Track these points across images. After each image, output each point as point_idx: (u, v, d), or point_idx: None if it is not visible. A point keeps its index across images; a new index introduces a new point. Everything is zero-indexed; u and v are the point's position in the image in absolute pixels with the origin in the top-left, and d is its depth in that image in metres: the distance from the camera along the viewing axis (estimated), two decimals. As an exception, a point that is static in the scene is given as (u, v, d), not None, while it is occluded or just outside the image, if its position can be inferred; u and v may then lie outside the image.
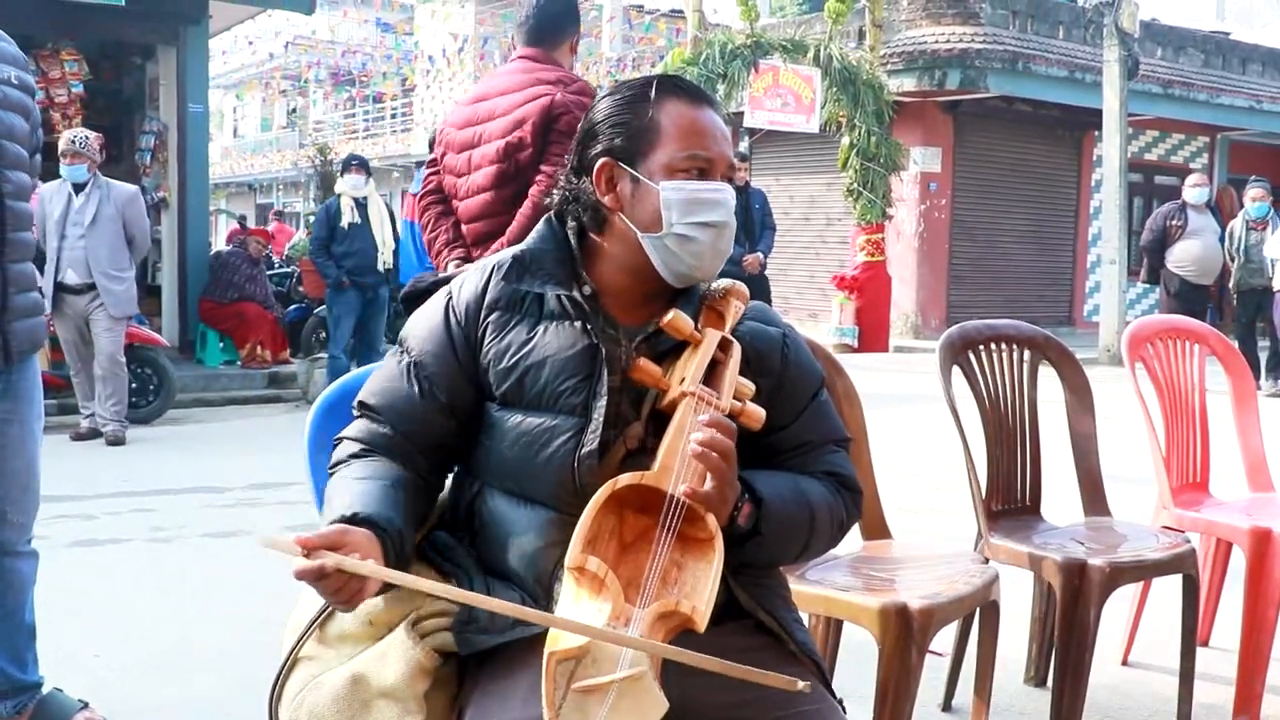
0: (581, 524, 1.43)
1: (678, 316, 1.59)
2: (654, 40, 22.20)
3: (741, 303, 1.71)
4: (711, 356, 1.60)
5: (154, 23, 10.24)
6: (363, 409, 1.70)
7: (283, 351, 10.25)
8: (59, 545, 4.49)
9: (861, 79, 12.87)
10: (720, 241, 1.63)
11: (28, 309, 2.69)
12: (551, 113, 3.40)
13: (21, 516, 2.74)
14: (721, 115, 1.70)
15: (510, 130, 3.44)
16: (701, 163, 1.63)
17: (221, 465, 6.42)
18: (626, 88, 1.70)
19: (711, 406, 1.54)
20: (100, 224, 6.92)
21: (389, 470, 1.62)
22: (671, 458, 1.49)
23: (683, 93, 1.67)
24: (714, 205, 1.62)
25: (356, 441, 1.68)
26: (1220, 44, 18.95)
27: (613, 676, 1.32)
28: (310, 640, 1.59)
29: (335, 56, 28.77)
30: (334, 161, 15.07)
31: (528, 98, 3.45)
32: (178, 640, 3.57)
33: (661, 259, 1.64)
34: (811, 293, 16.36)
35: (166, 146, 10.69)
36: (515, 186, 3.47)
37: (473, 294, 1.69)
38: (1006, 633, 2.80)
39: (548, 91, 3.43)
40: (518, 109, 3.45)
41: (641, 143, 1.64)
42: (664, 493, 1.47)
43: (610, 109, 1.67)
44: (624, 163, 1.65)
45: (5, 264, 2.60)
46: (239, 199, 34.68)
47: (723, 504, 1.50)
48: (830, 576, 2.49)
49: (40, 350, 2.84)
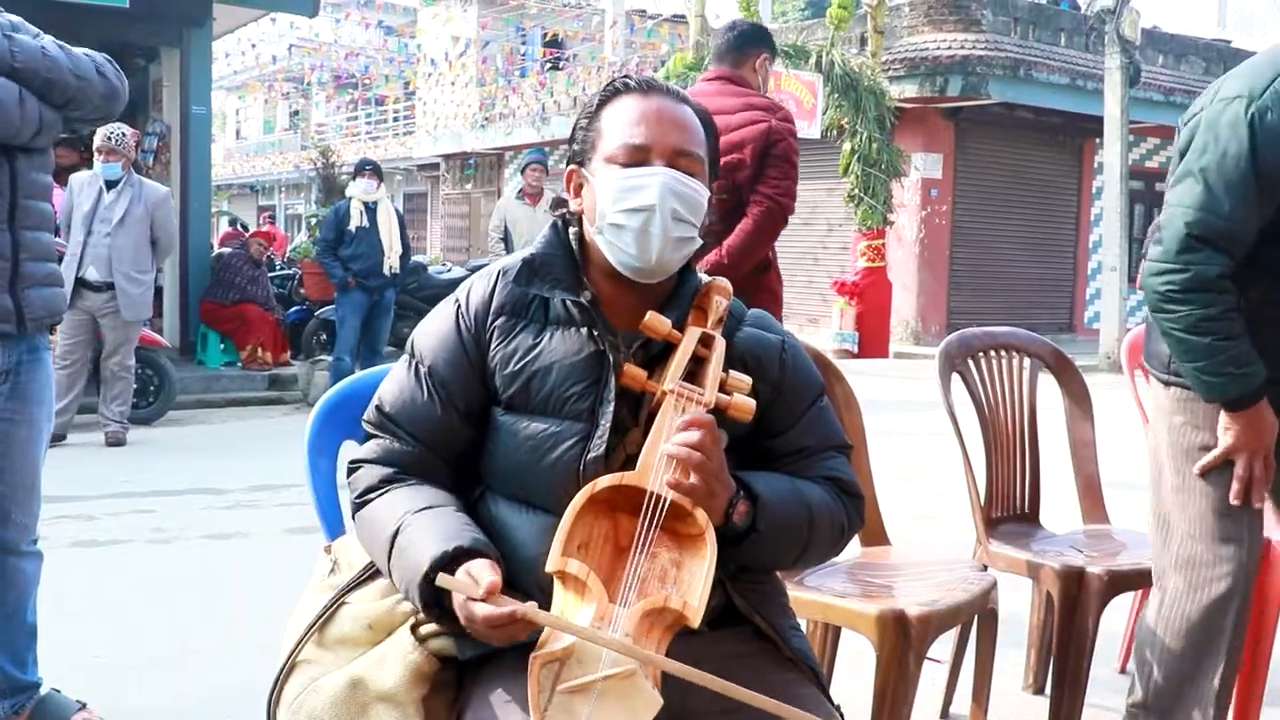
0: (561, 528, 1.44)
1: (653, 317, 1.60)
2: (657, 46, 22.22)
3: (724, 297, 1.70)
4: (694, 353, 1.61)
5: (157, 25, 10.26)
6: (382, 420, 1.69)
7: (284, 353, 10.25)
8: (59, 546, 4.49)
9: (863, 85, 12.89)
10: (652, 226, 1.60)
11: (43, 278, 2.67)
12: (769, 139, 3.74)
13: (25, 517, 2.74)
14: (685, 105, 1.69)
15: (729, 151, 3.66)
16: (633, 151, 1.63)
17: (222, 467, 6.42)
18: (592, 98, 1.72)
19: (693, 402, 1.55)
20: (129, 224, 6.89)
21: (440, 496, 1.62)
22: (652, 456, 1.50)
23: (630, 88, 1.69)
24: (639, 190, 1.61)
25: (381, 464, 1.67)
26: (1221, 51, 18.96)
27: (595, 676, 1.32)
28: (309, 643, 1.60)
29: (338, 59, 28.79)
30: (336, 164, 15.05)
31: (744, 121, 3.76)
32: (177, 641, 3.58)
33: (609, 252, 1.65)
34: (812, 298, 16.36)
35: (169, 148, 10.71)
36: (730, 203, 3.74)
37: (481, 299, 1.70)
38: (1005, 640, 2.80)
39: (764, 118, 3.76)
40: (734, 131, 3.72)
41: (591, 144, 1.68)
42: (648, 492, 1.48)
43: (577, 120, 1.71)
44: (581, 166, 1.69)
45: (17, 229, 2.59)
46: (241, 200, 34.70)
47: (711, 498, 1.50)
48: (828, 583, 2.50)
49: (53, 338, 2.83)
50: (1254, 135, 2.07)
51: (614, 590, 1.42)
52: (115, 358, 7.01)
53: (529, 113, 21.43)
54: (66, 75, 2.56)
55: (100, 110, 2.68)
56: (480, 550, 1.50)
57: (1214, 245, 2.10)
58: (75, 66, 2.58)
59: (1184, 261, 2.12)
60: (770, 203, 3.74)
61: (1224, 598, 2.24)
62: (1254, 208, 2.10)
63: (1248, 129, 2.08)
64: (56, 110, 2.59)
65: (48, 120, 2.57)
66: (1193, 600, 2.26)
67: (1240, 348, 2.13)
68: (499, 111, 22.79)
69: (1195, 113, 2.21)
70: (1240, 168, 2.08)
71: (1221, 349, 2.12)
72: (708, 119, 1.72)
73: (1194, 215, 2.11)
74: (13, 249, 2.59)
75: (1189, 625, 2.26)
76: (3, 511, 2.70)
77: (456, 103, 24.12)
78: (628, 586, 1.41)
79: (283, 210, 33.37)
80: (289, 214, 32.66)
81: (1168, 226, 2.16)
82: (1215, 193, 2.10)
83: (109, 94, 2.65)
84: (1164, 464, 2.34)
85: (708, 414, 1.54)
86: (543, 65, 24.29)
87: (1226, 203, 2.09)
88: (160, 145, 10.77)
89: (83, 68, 2.60)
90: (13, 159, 2.58)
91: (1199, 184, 2.12)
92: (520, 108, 22.02)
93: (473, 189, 24.58)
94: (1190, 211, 2.12)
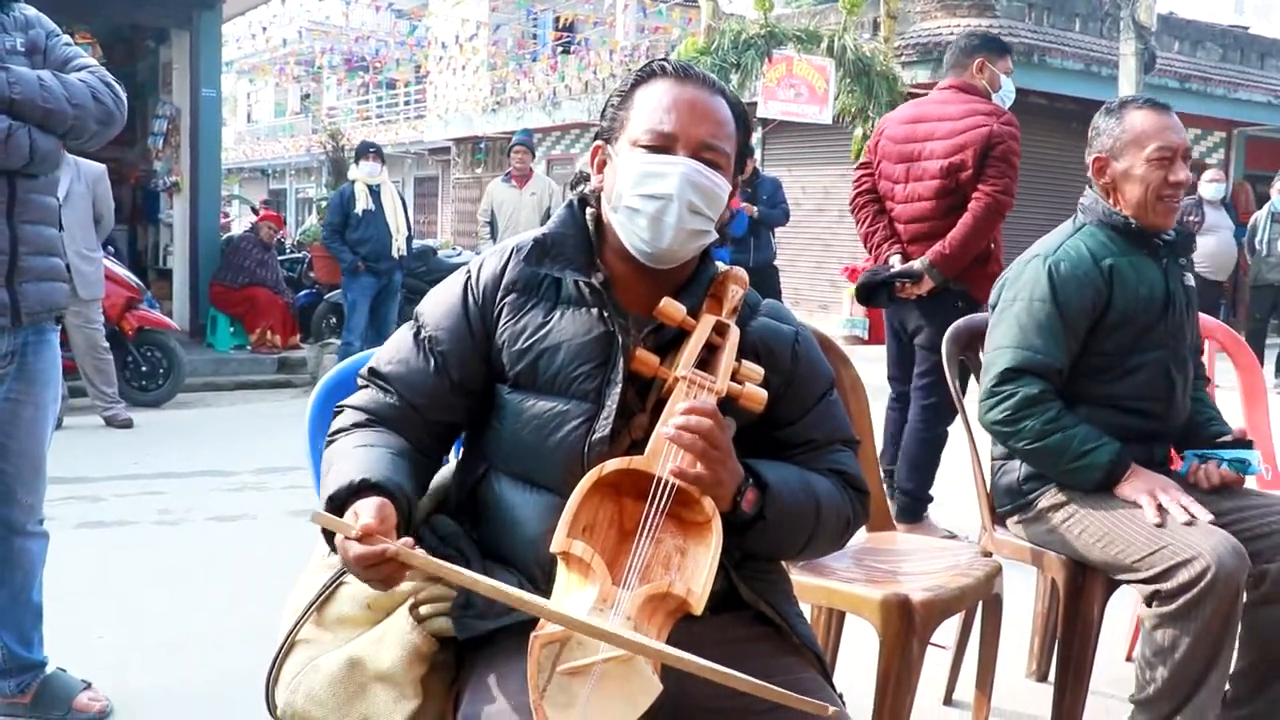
0: (567, 510, 1.44)
1: (668, 303, 1.60)
2: (668, 30, 22.12)
3: (739, 286, 1.70)
4: (707, 341, 1.60)
5: (167, 7, 10.25)
6: (372, 376, 1.71)
7: (293, 337, 10.26)
8: (66, 526, 4.51)
9: (875, 70, 12.81)
10: (666, 215, 1.60)
11: (42, 272, 2.67)
12: (990, 141, 4.19)
13: (31, 497, 2.75)
14: (719, 96, 1.68)
15: (953, 153, 4.23)
16: (659, 137, 1.62)
17: (229, 449, 6.43)
18: (629, 76, 1.71)
19: (705, 390, 1.54)
20: (72, 201, 6.48)
21: (392, 440, 1.63)
22: (660, 441, 1.50)
23: (668, 74, 1.67)
24: (659, 177, 1.60)
25: (360, 410, 1.68)
26: (1239, 38, 18.81)
27: (595, 658, 1.32)
28: (308, 623, 1.60)
29: (349, 43, 28.74)
30: (345, 147, 15.03)
31: (968, 126, 4.24)
32: (182, 623, 3.59)
33: (622, 234, 1.65)
34: (822, 284, 16.32)
35: (179, 131, 10.70)
36: (953, 199, 4.28)
37: (491, 274, 1.71)
38: (1009, 627, 2.79)
39: (985, 122, 4.21)
40: (959, 135, 4.23)
41: (620, 122, 1.67)
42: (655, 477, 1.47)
43: (610, 97, 1.71)
44: (608, 144, 1.69)
45: (16, 224, 2.60)
46: (252, 184, 34.72)
47: (717, 485, 1.50)
48: (833, 567, 2.49)
49: (59, 324, 2.84)
50: (1052, 281, 2.52)
51: (617, 574, 1.41)
52: (85, 351, 6.85)
53: (540, 96, 21.39)
54: (64, 105, 2.58)
55: (97, 136, 2.69)
56: (386, 488, 1.49)
57: (1031, 374, 2.48)
58: (72, 96, 2.60)
59: (1008, 390, 2.49)
60: (989, 199, 4.18)
61: (1213, 594, 2.24)
62: (1061, 342, 2.50)
63: (1047, 278, 2.52)
64: (57, 139, 2.60)
65: (42, 151, 2.58)
66: (1187, 600, 2.27)
67: (1086, 429, 2.47)
68: (510, 95, 22.75)
69: (1004, 275, 2.68)
70: (1045, 309, 2.50)
71: (1072, 436, 2.45)
72: (741, 111, 1.71)
73: (1010, 353, 2.50)
74: (11, 243, 2.59)
75: (1192, 627, 2.26)
76: (9, 491, 2.71)
77: (467, 86, 24.07)
78: (631, 570, 1.41)
79: (293, 194, 33.37)
80: (300, 198, 32.66)
81: (990, 368, 2.54)
82: (1027, 332, 2.50)
83: (105, 120, 2.67)
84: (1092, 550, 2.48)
85: (714, 401, 1.53)
86: (554, 49, 24.23)
87: (1037, 339, 2.49)
88: (170, 128, 10.76)
89: (79, 97, 2.61)
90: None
91: (1013, 327, 2.53)
92: (531, 91, 21.98)
93: (484, 173, 24.53)
94: (1007, 351, 2.51)
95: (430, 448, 1.70)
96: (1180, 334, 2.62)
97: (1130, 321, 2.54)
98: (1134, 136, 2.58)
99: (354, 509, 1.44)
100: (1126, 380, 2.56)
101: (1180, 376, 2.62)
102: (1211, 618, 2.25)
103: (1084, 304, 2.52)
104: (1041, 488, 2.60)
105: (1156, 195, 2.57)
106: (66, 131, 2.60)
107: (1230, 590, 2.26)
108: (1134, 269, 2.57)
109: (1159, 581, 2.31)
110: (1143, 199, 2.58)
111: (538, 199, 9.18)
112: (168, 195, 11.08)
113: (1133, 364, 2.55)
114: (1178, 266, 2.67)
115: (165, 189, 11.04)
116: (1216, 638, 2.26)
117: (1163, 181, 2.56)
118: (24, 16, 2.64)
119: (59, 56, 2.66)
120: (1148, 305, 2.56)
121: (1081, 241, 2.61)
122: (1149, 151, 2.56)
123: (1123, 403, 2.56)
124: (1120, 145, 2.60)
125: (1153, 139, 2.56)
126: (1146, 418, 2.58)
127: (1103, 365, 2.56)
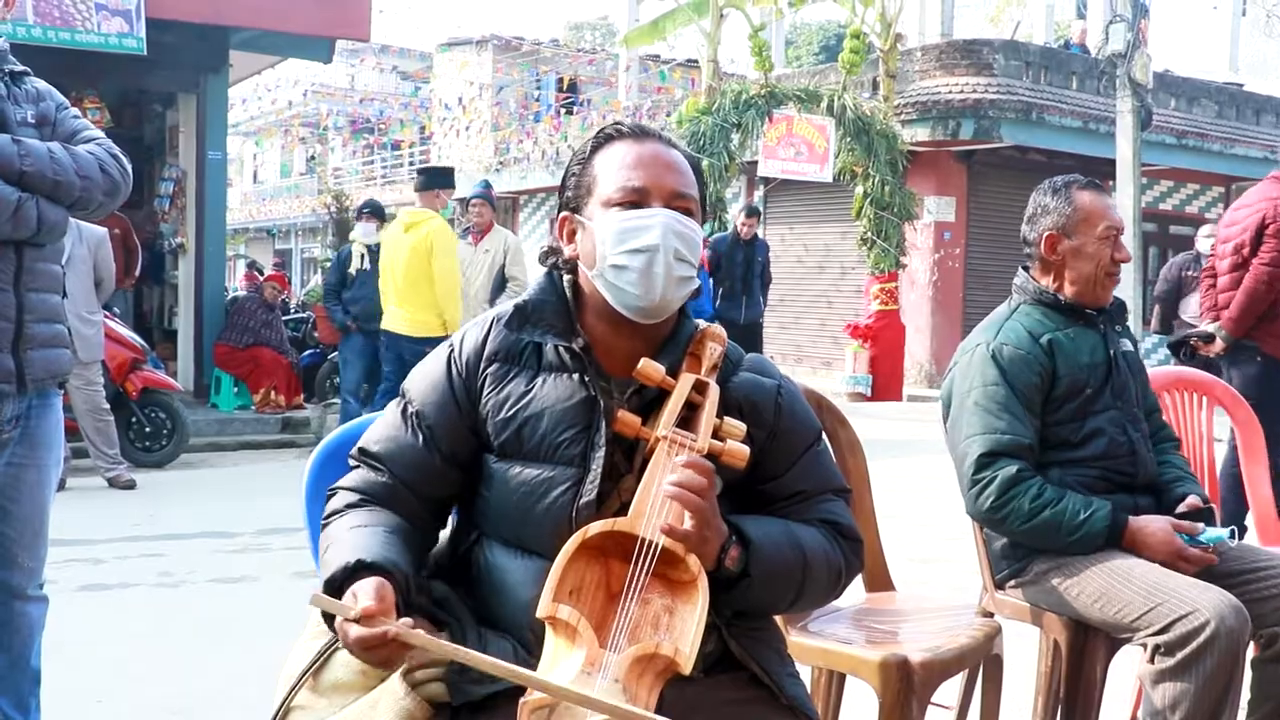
0: (552, 575, 1.44)
1: (646, 364, 1.61)
2: (670, 90, 22.37)
3: (718, 344, 1.72)
4: (687, 399, 1.61)
5: (175, 72, 10.39)
6: (362, 456, 1.72)
7: (297, 397, 10.29)
8: (66, 590, 4.49)
9: (875, 129, 12.94)
10: (655, 266, 1.61)
11: (48, 339, 2.69)
12: (1264, 221, 4.87)
13: (32, 561, 2.75)
14: (674, 150, 1.71)
15: (1241, 234, 4.95)
16: (631, 193, 1.65)
17: (232, 510, 6.42)
18: (585, 143, 1.74)
19: (686, 449, 1.55)
20: (74, 265, 6.53)
21: (387, 518, 1.64)
22: (644, 502, 1.50)
23: (622, 135, 1.71)
24: (642, 231, 1.63)
25: (352, 491, 1.69)
26: (1234, 95, 18.99)
27: None
28: (303, 689, 1.60)
29: (353, 104, 29.08)
30: (349, 208, 15.16)
31: (1254, 210, 4.95)
32: (182, 687, 3.57)
33: (610, 294, 1.66)
34: (825, 341, 16.35)
35: (185, 193, 10.82)
36: (1241, 273, 4.93)
37: (474, 346, 1.72)
38: (1014, 687, 2.77)
39: (1264, 207, 4.91)
40: (1247, 218, 4.96)
41: (585, 189, 1.69)
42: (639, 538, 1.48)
43: (569, 166, 1.74)
44: (575, 213, 1.71)
45: (23, 292, 2.63)
46: (258, 244, 34.92)
47: (703, 544, 1.50)
48: (831, 628, 2.48)
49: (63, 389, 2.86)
50: (999, 365, 2.59)
51: (605, 636, 1.41)
52: (87, 414, 6.89)
53: (543, 156, 21.59)
54: (72, 177, 2.62)
55: (103, 206, 2.74)
56: (383, 567, 1.50)
57: (1005, 455, 2.52)
58: (81, 168, 2.64)
59: (988, 476, 2.52)
60: (1262, 269, 4.82)
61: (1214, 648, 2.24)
62: (1024, 419, 2.55)
63: (993, 362, 2.60)
64: (65, 209, 2.65)
65: (49, 221, 2.61)
66: (1187, 654, 2.26)
67: (1073, 497, 2.51)
68: (513, 155, 22.96)
69: (951, 367, 2.74)
70: (1001, 392, 2.56)
71: (1062, 511, 2.48)
72: (696, 164, 1.75)
73: (980, 440, 2.54)
74: (17, 310, 2.62)
75: (1194, 682, 2.25)
76: (10, 555, 2.70)
77: (471, 147, 24.30)
78: (619, 632, 1.41)
79: (298, 254, 33.55)
80: (305, 257, 32.83)
81: (964, 460, 2.57)
82: (990, 416, 2.55)
83: (111, 191, 2.72)
84: (1090, 610, 2.50)
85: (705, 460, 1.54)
86: (557, 109, 24.48)
87: (1001, 421, 2.54)
88: (176, 190, 10.89)
89: (87, 169, 2.66)
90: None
91: (975, 415, 2.57)
92: (534, 151, 22.19)
93: (487, 232, 24.66)
94: (976, 439, 2.55)
95: (425, 522, 1.71)
96: (1126, 393, 2.68)
97: (1076, 390, 2.62)
98: (1085, 215, 2.69)
99: (352, 590, 1.45)
100: (1089, 445, 2.61)
101: (1136, 432, 2.68)
102: (1216, 672, 2.23)
103: (1032, 380, 2.59)
104: (1034, 552, 2.60)
105: (1105, 271, 2.69)
106: (74, 203, 2.64)
107: (1233, 646, 2.25)
108: (1072, 340, 2.66)
109: (1158, 635, 2.30)
110: (1093, 274, 2.69)
111: (491, 256, 8.24)
112: (173, 257, 11.17)
113: (1089, 429, 2.61)
114: (1115, 334, 2.76)
115: (171, 250, 11.13)
116: (1220, 694, 2.25)
117: (1110, 259, 2.68)
118: (35, 89, 2.69)
119: (68, 129, 2.71)
120: (1090, 371, 2.64)
121: (1019, 322, 2.70)
122: (1100, 230, 2.68)
123: (1090, 465, 2.61)
124: (1072, 223, 2.70)
125: (1102, 219, 2.69)
126: (1118, 474, 2.63)
127: (1062, 436, 2.61)
